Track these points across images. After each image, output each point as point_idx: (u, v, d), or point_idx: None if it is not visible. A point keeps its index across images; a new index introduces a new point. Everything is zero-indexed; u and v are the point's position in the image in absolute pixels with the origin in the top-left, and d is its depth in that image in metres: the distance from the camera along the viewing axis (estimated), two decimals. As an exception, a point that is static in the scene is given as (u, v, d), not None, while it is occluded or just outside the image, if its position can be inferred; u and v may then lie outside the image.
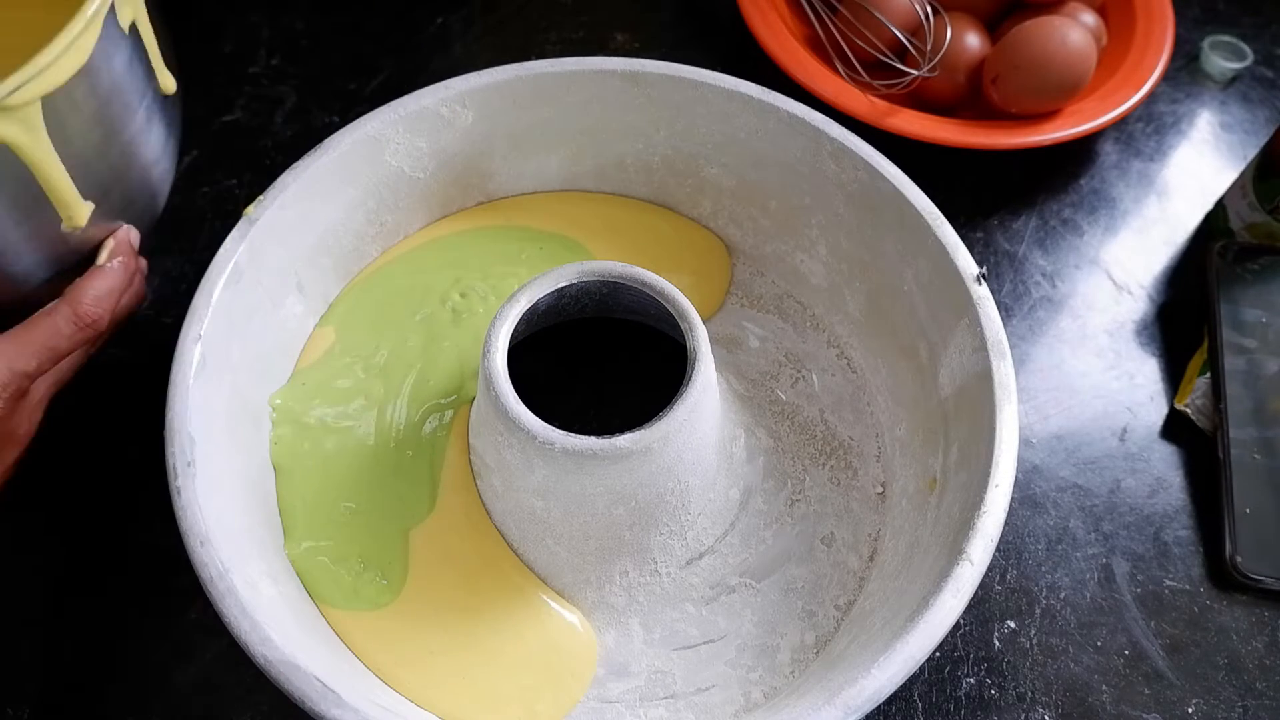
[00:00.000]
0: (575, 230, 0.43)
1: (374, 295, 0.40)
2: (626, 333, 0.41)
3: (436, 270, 0.41)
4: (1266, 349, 0.42)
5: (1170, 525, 0.39)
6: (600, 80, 0.40)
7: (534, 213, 0.43)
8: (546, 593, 0.35)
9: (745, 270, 0.43)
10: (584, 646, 0.34)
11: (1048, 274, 0.46)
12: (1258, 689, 0.35)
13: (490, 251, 0.42)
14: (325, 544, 0.34)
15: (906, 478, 0.37)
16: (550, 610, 0.34)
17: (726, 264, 0.43)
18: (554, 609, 0.34)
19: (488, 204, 0.43)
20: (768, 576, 0.36)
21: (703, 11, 0.55)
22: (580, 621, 0.34)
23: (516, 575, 0.35)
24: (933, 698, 0.35)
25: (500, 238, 0.42)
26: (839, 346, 0.41)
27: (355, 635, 0.33)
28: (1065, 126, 0.46)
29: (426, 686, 0.32)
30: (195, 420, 0.31)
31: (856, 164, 0.38)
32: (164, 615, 0.35)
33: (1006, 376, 0.33)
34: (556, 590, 0.35)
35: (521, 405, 0.32)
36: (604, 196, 0.44)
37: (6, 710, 0.34)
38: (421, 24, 0.53)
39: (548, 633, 0.34)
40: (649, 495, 0.33)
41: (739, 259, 0.43)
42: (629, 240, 0.43)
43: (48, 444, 0.34)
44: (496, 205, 0.43)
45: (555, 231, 0.43)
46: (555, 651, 0.34)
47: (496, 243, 0.42)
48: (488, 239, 0.42)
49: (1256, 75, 0.54)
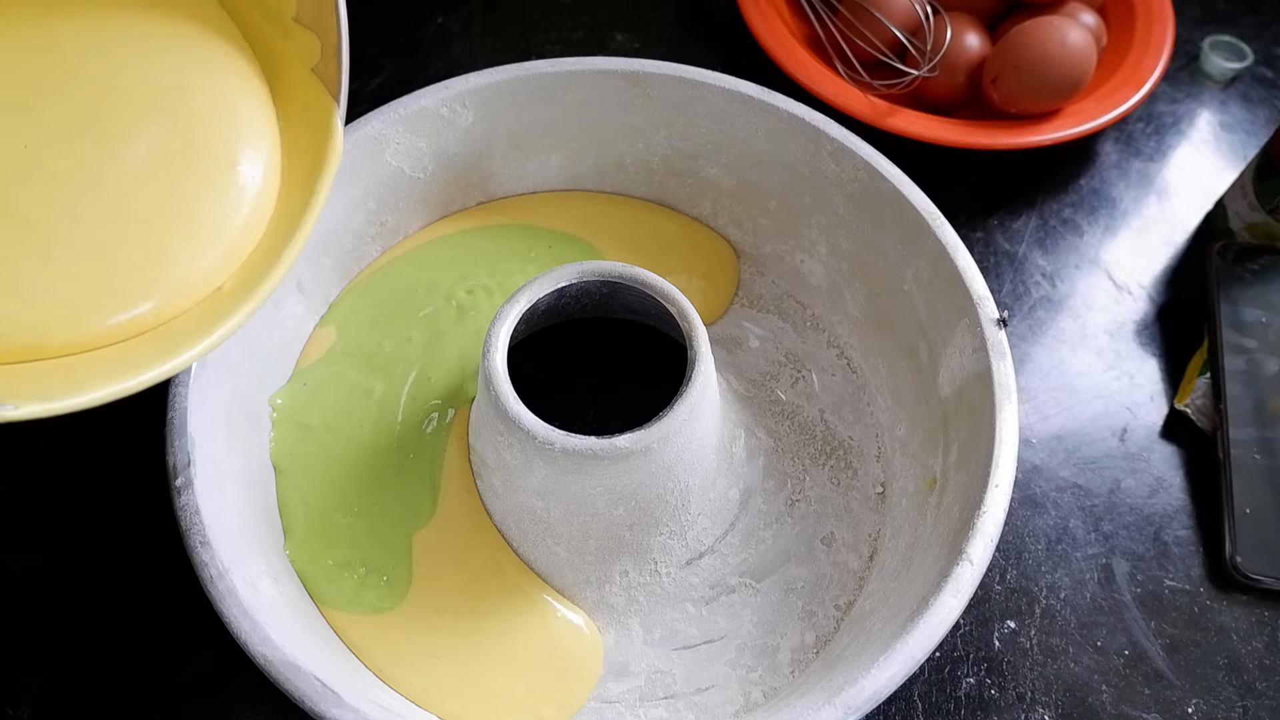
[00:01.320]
0: (584, 230, 0.43)
1: (376, 294, 0.40)
2: (626, 333, 0.41)
3: (443, 267, 0.41)
4: (1266, 349, 0.42)
5: (1170, 525, 0.39)
6: (600, 80, 0.40)
7: (541, 212, 0.43)
8: (551, 594, 0.35)
9: (745, 270, 0.43)
10: (589, 648, 0.34)
11: (1048, 274, 0.46)
12: (1258, 689, 0.35)
13: (499, 249, 0.42)
14: (328, 548, 0.34)
15: (906, 478, 0.37)
16: (555, 612, 0.34)
17: (734, 268, 0.43)
18: (559, 611, 0.34)
19: (493, 202, 0.43)
20: (768, 576, 0.36)
21: (703, 11, 0.55)
22: (585, 622, 0.34)
23: (520, 577, 0.35)
24: (933, 698, 0.35)
25: (509, 236, 0.42)
26: (839, 346, 0.41)
27: (359, 638, 0.33)
28: (1065, 126, 0.46)
29: (432, 690, 0.32)
30: (195, 420, 0.31)
31: (856, 164, 0.38)
32: (164, 615, 0.35)
33: (1006, 376, 0.33)
34: (557, 590, 0.35)
35: (521, 405, 0.32)
36: (610, 196, 0.44)
37: (6, 710, 0.34)
38: (421, 24, 0.53)
39: (553, 635, 0.34)
40: (649, 495, 0.33)
41: (739, 259, 0.43)
42: (636, 241, 0.43)
43: (47, 444, 0.34)
44: (502, 204, 0.43)
45: (565, 231, 0.43)
46: (561, 653, 0.34)
47: (506, 241, 0.42)
48: (496, 237, 0.42)
49: (1256, 75, 0.54)
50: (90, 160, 0.27)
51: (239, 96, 0.30)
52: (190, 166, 0.28)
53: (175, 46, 0.29)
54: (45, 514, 0.38)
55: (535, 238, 0.42)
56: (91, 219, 0.27)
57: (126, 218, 0.27)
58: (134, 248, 0.27)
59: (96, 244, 0.27)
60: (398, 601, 0.34)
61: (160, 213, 0.28)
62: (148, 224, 0.27)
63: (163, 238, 0.27)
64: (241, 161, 0.29)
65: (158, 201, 0.28)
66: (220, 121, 0.29)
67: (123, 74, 0.28)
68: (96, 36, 0.28)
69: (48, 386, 0.23)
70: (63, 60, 0.28)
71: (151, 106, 0.28)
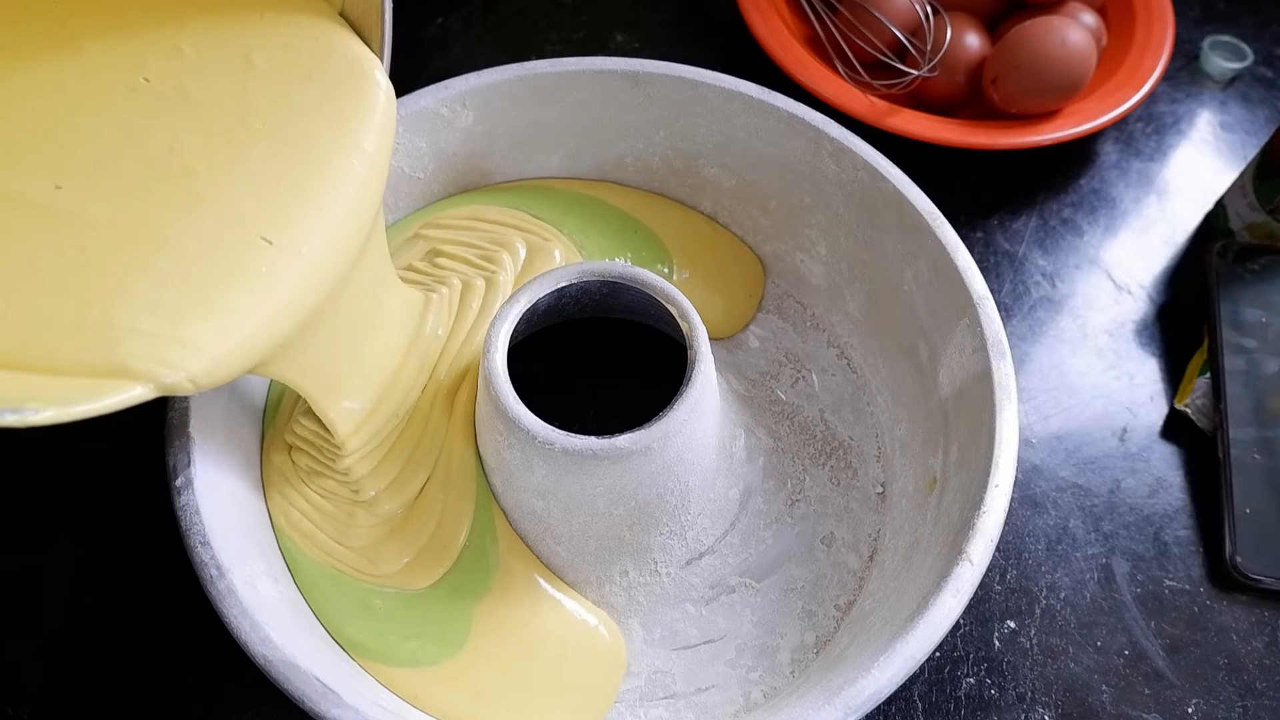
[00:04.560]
0: (653, 223, 0.42)
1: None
2: (626, 333, 0.41)
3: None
4: (1266, 349, 0.42)
5: (1170, 525, 0.39)
6: (600, 80, 0.40)
7: (612, 194, 0.43)
8: (575, 598, 0.34)
9: (745, 270, 0.43)
10: (612, 653, 0.34)
11: (1048, 274, 0.46)
12: (1258, 689, 0.35)
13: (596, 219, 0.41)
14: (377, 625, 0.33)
15: (906, 478, 0.37)
16: (580, 621, 0.34)
17: (761, 282, 0.43)
18: (583, 619, 0.34)
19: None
20: (768, 576, 0.36)
21: (703, 11, 0.55)
22: (603, 624, 0.34)
23: (545, 587, 0.34)
24: (933, 698, 0.35)
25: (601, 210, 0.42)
26: (839, 346, 0.41)
27: (406, 687, 0.32)
28: (1065, 126, 0.46)
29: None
30: (195, 420, 0.31)
31: (856, 164, 0.38)
32: (164, 615, 0.35)
33: (1006, 376, 0.33)
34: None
35: (521, 405, 0.32)
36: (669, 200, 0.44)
37: (6, 710, 0.34)
38: (421, 24, 0.53)
39: (579, 640, 0.34)
40: (649, 495, 0.33)
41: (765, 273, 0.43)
42: (687, 245, 0.42)
43: (47, 444, 0.34)
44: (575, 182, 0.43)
45: (641, 220, 0.42)
46: (586, 663, 0.33)
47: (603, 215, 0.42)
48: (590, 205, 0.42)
49: (1256, 75, 0.54)
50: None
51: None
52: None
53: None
54: (45, 514, 0.38)
55: (626, 222, 0.42)
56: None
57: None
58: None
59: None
60: (450, 657, 0.33)
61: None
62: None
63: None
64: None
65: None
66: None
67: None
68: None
69: (68, 390, 0.23)
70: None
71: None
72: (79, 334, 0.24)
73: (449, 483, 0.34)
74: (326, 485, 0.34)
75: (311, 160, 0.28)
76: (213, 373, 0.25)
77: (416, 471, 0.34)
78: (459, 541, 0.34)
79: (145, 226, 0.26)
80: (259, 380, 0.36)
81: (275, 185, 0.27)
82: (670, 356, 0.36)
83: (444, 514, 0.34)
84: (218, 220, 0.26)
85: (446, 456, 0.35)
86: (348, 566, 0.33)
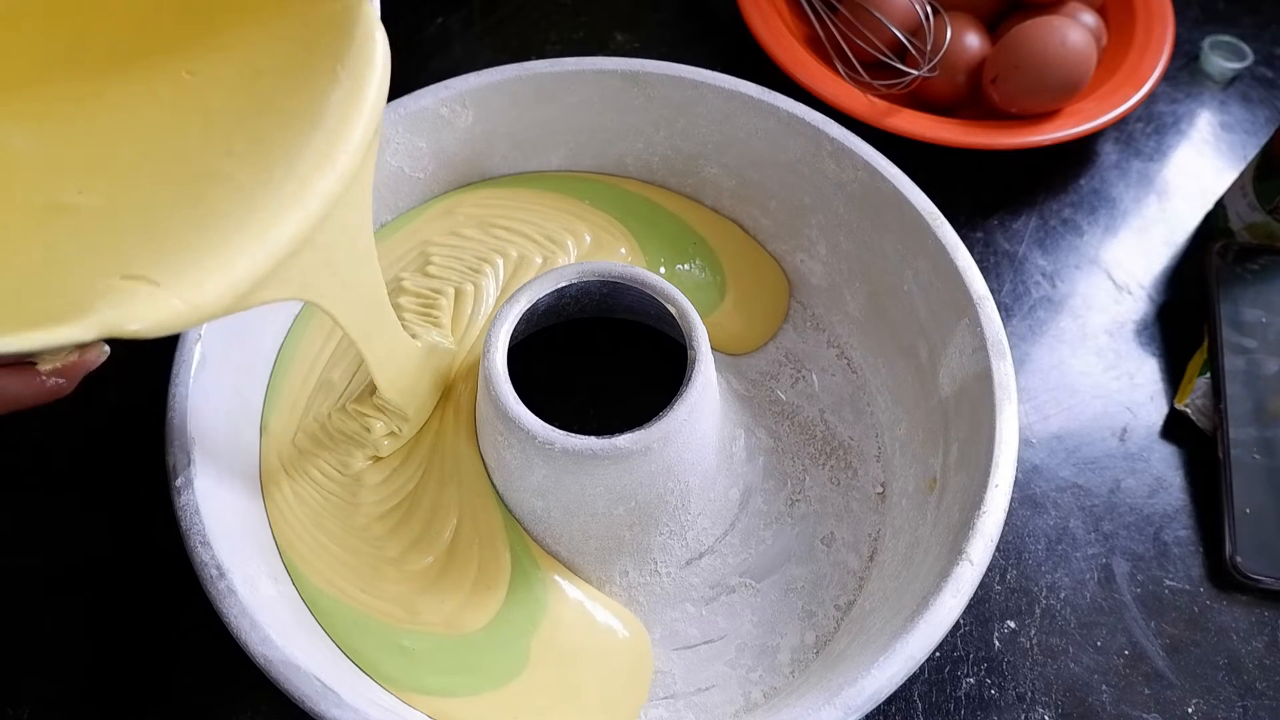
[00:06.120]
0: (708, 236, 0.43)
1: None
2: (626, 333, 0.41)
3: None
4: (1266, 349, 0.42)
5: (1170, 525, 0.39)
6: (600, 80, 0.40)
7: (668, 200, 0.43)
8: (607, 603, 0.34)
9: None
10: (643, 658, 0.34)
11: (1048, 274, 0.46)
12: (1258, 689, 0.35)
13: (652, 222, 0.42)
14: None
15: (906, 478, 0.37)
16: (622, 638, 0.34)
17: (786, 298, 0.42)
18: (623, 634, 0.34)
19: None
20: (768, 576, 0.36)
21: (703, 11, 0.55)
22: (629, 625, 0.34)
23: (587, 603, 0.34)
24: (933, 698, 0.35)
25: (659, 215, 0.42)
26: (839, 346, 0.41)
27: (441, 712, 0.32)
28: (1065, 126, 0.46)
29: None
30: (195, 420, 0.31)
31: (856, 164, 0.38)
32: (164, 615, 0.35)
33: (1006, 376, 0.33)
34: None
35: (521, 405, 0.32)
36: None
37: (6, 710, 0.34)
38: (421, 24, 0.53)
39: (620, 655, 0.33)
40: (649, 495, 0.33)
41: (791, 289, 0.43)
42: (734, 261, 0.42)
43: (47, 443, 0.34)
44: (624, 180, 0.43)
45: (702, 235, 0.42)
46: (624, 673, 0.33)
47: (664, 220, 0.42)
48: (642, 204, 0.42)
49: (1256, 75, 0.54)
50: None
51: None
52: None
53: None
54: (45, 514, 0.38)
55: (686, 231, 0.42)
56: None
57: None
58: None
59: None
60: (506, 682, 0.32)
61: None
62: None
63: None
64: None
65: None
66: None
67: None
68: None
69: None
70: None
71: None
72: (62, 290, 0.23)
73: (476, 522, 0.34)
74: (351, 543, 0.34)
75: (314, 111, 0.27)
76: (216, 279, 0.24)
77: (443, 528, 0.34)
78: (505, 580, 0.33)
79: (151, 205, 0.25)
80: (259, 380, 0.36)
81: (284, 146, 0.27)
82: (670, 356, 0.36)
83: (481, 557, 0.34)
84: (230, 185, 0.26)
85: (470, 498, 0.35)
86: (376, 613, 0.33)
